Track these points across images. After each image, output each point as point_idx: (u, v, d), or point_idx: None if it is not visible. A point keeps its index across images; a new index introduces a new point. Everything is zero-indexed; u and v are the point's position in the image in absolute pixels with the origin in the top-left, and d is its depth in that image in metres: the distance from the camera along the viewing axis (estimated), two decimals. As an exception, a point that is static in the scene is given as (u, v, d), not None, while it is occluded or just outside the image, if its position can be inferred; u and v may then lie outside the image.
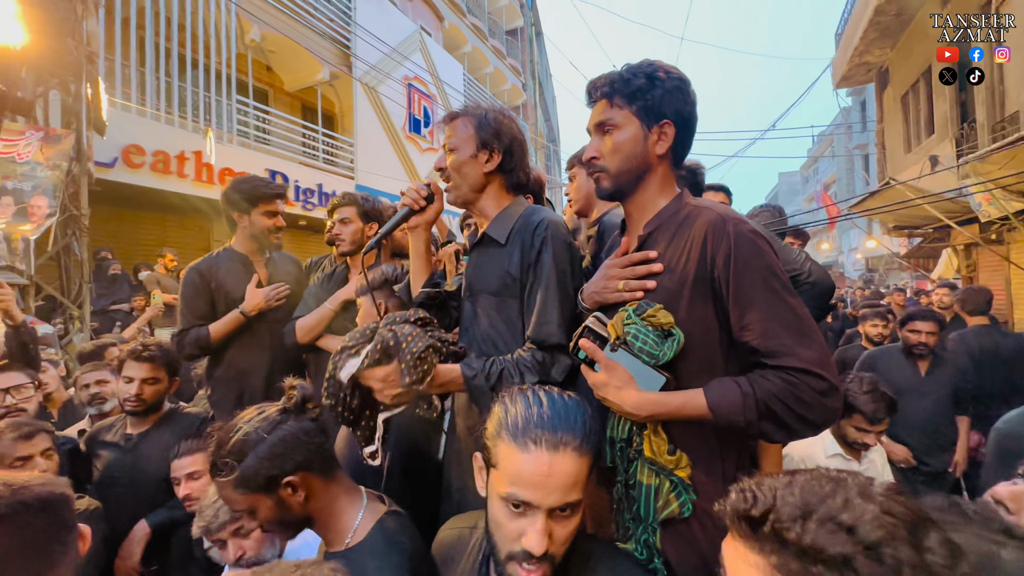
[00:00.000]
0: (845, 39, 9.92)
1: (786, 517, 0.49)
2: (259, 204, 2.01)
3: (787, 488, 0.52)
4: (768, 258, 0.89)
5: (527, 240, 1.23)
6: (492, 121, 1.28)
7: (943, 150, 7.30)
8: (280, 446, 0.95)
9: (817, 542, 0.47)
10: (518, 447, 0.76)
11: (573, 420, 0.78)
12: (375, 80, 9.47)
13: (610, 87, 0.98)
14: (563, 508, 0.75)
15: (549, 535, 0.74)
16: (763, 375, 0.85)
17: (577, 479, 0.76)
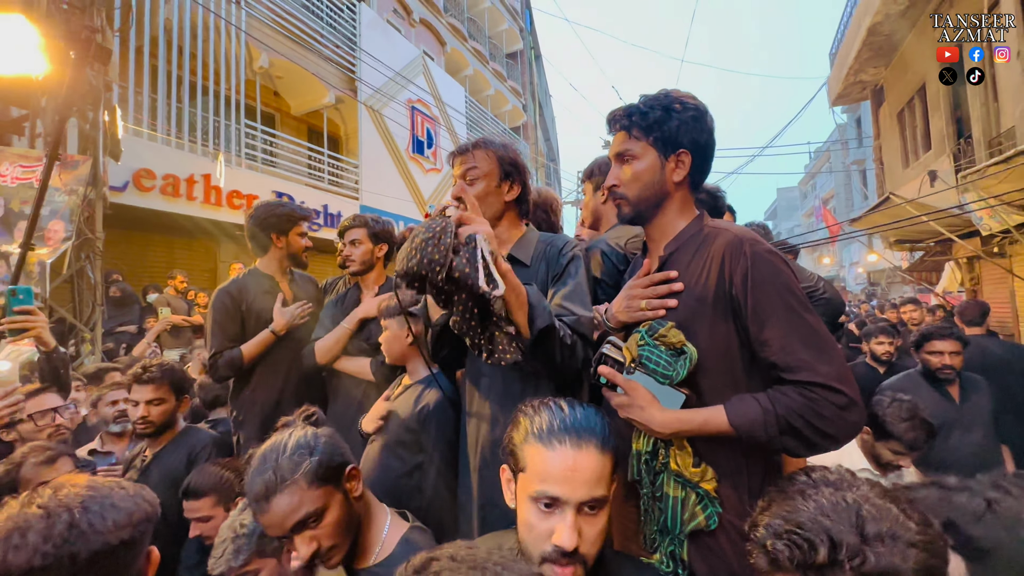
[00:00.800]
0: (840, 58, 10.13)
1: (853, 551, 0.51)
2: (297, 224, 2.14)
3: (823, 516, 0.53)
4: (785, 276, 0.92)
5: (553, 257, 1.31)
6: (512, 153, 1.37)
7: (941, 165, 7.40)
8: (335, 439, 1.02)
9: (893, 563, 0.51)
10: (545, 447, 0.81)
11: (593, 423, 0.84)
12: (379, 103, 9.67)
13: (628, 119, 1.04)
14: (591, 505, 0.78)
15: (579, 533, 0.76)
16: (783, 391, 0.87)
17: (601, 474, 0.80)
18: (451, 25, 13.33)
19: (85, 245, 4.00)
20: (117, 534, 0.74)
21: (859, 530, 0.52)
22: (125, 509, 0.77)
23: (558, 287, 1.26)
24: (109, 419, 2.18)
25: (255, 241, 2.13)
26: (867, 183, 18.57)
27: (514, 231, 1.38)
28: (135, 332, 4.92)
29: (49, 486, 0.80)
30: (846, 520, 0.53)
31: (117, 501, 0.77)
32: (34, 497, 0.76)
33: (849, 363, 3.73)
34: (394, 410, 1.60)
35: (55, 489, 0.78)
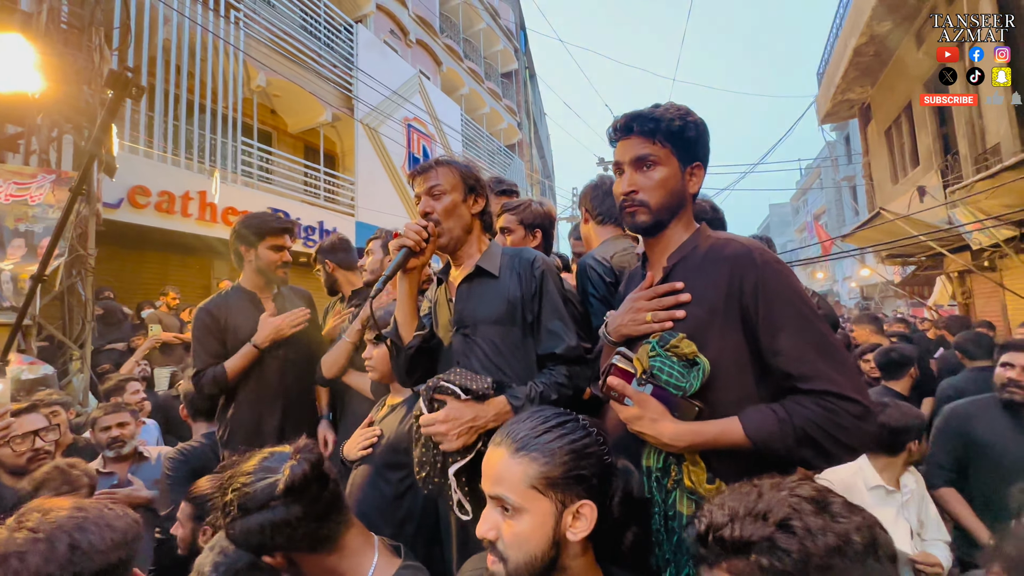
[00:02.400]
0: (827, 78, 10.37)
1: (720, 525, 0.58)
2: (266, 238, 2.03)
3: (719, 503, 0.62)
4: (796, 286, 0.92)
5: (525, 273, 1.33)
6: (474, 170, 1.41)
7: (929, 180, 7.52)
8: (257, 533, 0.91)
9: (744, 534, 0.56)
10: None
11: (525, 431, 0.84)
12: (376, 121, 9.76)
13: (655, 124, 1.00)
14: (501, 503, 0.80)
15: (497, 528, 0.80)
16: (798, 401, 0.86)
17: (504, 476, 0.81)
18: (447, 46, 13.56)
19: (77, 262, 3.95)
20: (116, 553, 0.75)
21: (731, 511, 0.59)
22: (120, 528, 0.77)
23: (543, 310, 1.31)
24: (104, 444, 2.12)
25: (233, 254, 2.09)
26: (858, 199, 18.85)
27: (481, 244, 1.41)
28: (124, 350, 4.83)
29: (34, 510, 0.78)
30: (727, 505, 0.60)
31: (111, 521, 0.78)
32: (23, 521, 0.75)
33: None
34: (382, 432, 1.57)
35: (43, 512, 0.76)
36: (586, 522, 0.79)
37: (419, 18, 12.38)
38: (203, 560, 1.22)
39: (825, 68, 10.63)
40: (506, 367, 1.27)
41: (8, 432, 1.40)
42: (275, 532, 0.91)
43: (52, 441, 1.64)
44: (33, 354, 3.42)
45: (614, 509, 0.83)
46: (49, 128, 4.06)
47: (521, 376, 1.28)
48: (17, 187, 3.51)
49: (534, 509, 0.78)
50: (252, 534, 0.91)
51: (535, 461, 0.79)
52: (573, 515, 0.79)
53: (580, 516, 0.79)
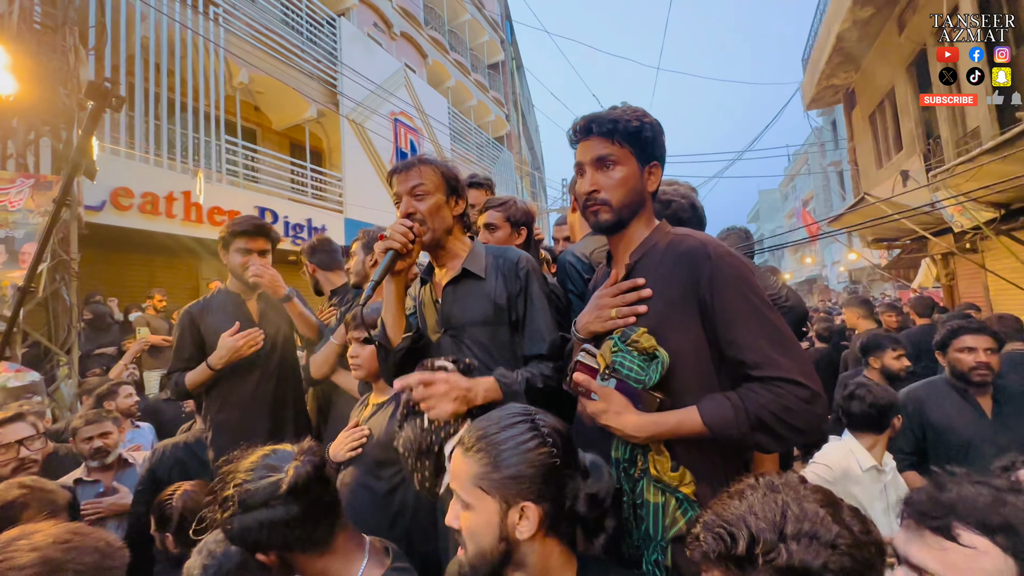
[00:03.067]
0: (811, 64, 10.41)
1: (768, 545, 0.55)
2: (235, 240, 2.01)
3: (751, 514, 0.57)
4: (748, 278, 0.95)
5: (510, 273, 1.34)
6: (453, 170, 1.40)
7: (912, 164, 7.61)
8: (255, 530, 0.93)
9: (804, 560, 0.54)
10: None
11: (479, 431, 0.87)
12: (362, 116, 9.67)
13: (612, 125, 1.04)
14: (455, 492, 0.85)
15: (458, 519, 0.84)
16: (751, 388, 0.90)
17: (457, 472, 0.86)
18: (432, 38, 13.42)
19: (59, 267, 3.91)
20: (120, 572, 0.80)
21: (779, 528, 0.55)
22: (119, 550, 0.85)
23: (528, 311, 1.32)
24: (86, 455, 2.12)
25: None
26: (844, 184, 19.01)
27: (463, 244, 1.41)
28: (114, 354, 4.81)
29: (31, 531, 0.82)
30: (769, 518, 0.56)
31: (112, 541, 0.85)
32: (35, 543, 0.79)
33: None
34: (370, 432, 1.58)
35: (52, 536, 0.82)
36: (530, 523, 0.80)
37: (403, 10, 12.24)
38: (192, 564, 1.24)
39: (810, 54, 10.66)
40: (493, 365, 1.29)
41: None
42: (273, 531, 0.93)
43: (38, 449, 1.64)
44: (18, 361, 3.39)
45: (578, 509, 0.84)
46: (25, 131, 4.00)
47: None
48: (-5, 192, 3.46)
49: (480, 507, 0.81)
50: (250, 531, 0.93)
51: (479, 462, 0.83)
52: (520, 515, 0.80)
53: (524, 516, 0.80)
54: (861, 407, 1.87)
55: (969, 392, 2.04)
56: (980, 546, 0.64)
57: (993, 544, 0.64)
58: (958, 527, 0.66)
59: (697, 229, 1.56)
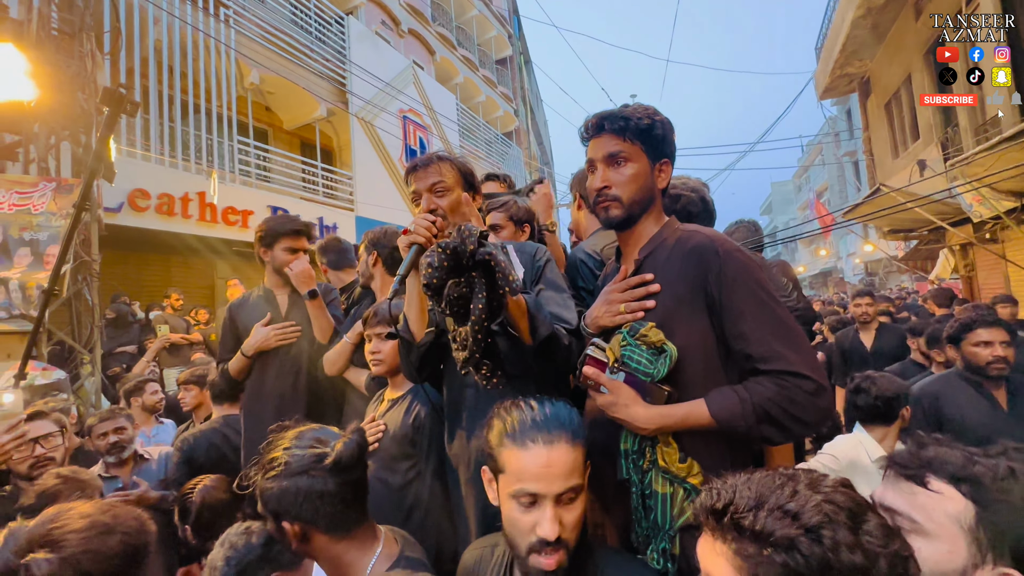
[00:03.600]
0: (825, 52, 10.21)
1: (743, 508, 0.57)
2: (281, 240, 2.15)
3: (745, 484, 0.60)
4: (755, 273, 0.97)
5: (528, 262, 1.33)
6: (469, 166, 1.41)
7: (930, 154, 7.45)
8: (292, 495, 0.96)
9: (767, 527, 0.54)
10: (519, 447, 0.86)
11: (562, 418, 0.89)
12: (371, 114, 9.73)
13: (624, 122, 1.06)
14: (568, 495, 0.85)
15: (560, 522, 0.83)
16: (758, 381, 0.92)
17: (574, 466, 0.86)
18: (439, 34, 13.42)
19: (82, 268, 4.02)
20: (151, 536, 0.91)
21: (763, 499, 0.57)
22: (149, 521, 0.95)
23: (539, 291, 1.29)
24: (102, 451, 2.19)
25: (257, 256, 2.22)
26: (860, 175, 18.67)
27: None
28: (135, 352, 4.93)
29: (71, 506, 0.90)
30: (761, 490, 0.58)
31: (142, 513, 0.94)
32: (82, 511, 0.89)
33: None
34: (386, 426, 1.61)
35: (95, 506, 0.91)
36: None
37: (410, 7, 12.25)
38: (214, 556, 1.29)
39: (823, 42, 10.46)
40: (518, 363, 1.27)
41: (23, 442, 1.46)
42: (307, 501, 0.96)
43: (56, 446, 1.69)
44: (44, 360, 3.50)
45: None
46: (46, 136, 4.10)
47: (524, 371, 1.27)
48: (19, 196, 3.56)
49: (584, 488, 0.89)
50: (286, 495, 0.96)
51: (584, 442, 0.89)
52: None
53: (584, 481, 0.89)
54: (867, 400, 1.87)
55: (984, 385, 2.02)
56: (946, 492, 0.71)
57: (958, 492, 0.70)
58: (930, 477, 0.72)
59: (707, 223, 1.57)
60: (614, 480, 1.02)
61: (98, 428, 2.24)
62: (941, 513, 0.70)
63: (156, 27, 6.37)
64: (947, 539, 0.69)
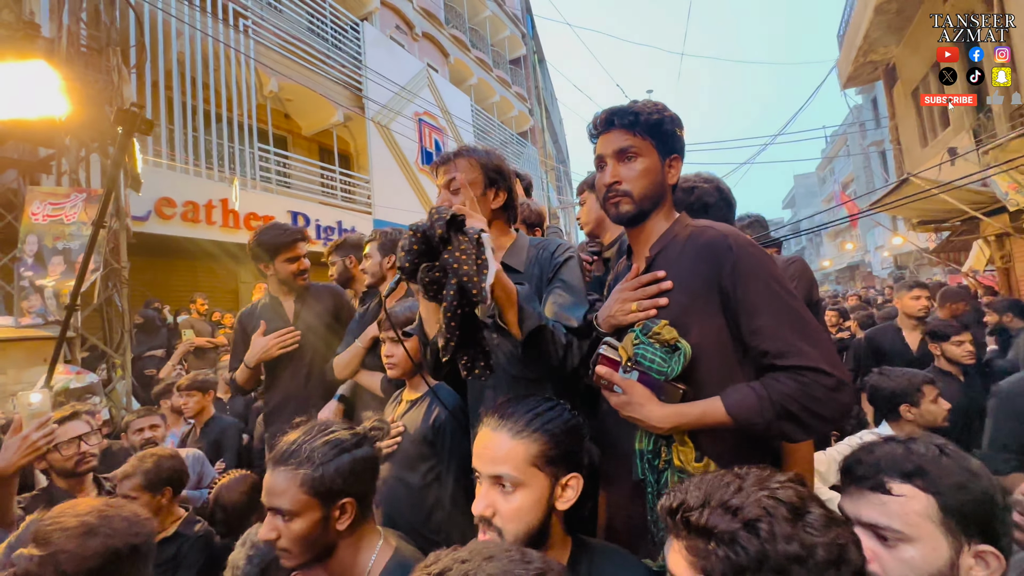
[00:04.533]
0: (848, 39, 9.92)
1: (692, 506, 0.62)
2: (281, 252, 2.14)
3: (698, 484, 0.65)
4: (769, 267, 0.95)
5: (546, 260, 1.29)
6: (495, 160, 1.33)
7: (961, 142, 7.16)
8: (361, 464, 1.02)
9: (711, 523, 0.59)
10: (478, 428, 0.95)
11: (520, 414, 0.91)
12: (387, 118, 9.84)
13: (634, 117, 1.05)
14: (501, 482, 0.86)
15: (494, 507, 0.86)
16: (775, 377, 0.90)
17: (507, 456, 0.87)
18: (453, 36, 13.49)
19: (112, 274, 4.16)
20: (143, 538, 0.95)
21: (709, 497, 0.62)
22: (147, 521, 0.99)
23: (551, 289, 1.25)
24: (137, 446, 2.27)
25: (257, 268, 2.24)
26: (887, 165, 18.06)
27: (504, 239, 1.36)
28: (162, 356, 5.09)
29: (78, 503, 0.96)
30: (708, 488, 0.63)
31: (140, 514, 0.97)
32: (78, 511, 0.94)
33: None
34: (405, 428, 1.62)
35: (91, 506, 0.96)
36: (573, 492, 0.88)
37: (424, 10, 12.35)
38: (236, 556, 1.31)
39: (846, 30, 10.16)
40: (530, 363, 1.23)
41: (54, 439, 1.53)
42: (363, 474, 1.03)
43: (95, 444, 1.77)
44: (78, 364, 3.64)
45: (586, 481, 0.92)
46: (77, 149, 4.26)
47: (544, 373, 1.24)
48: (53, 207, 3.71)
49: (533, 484, 0.86)
50: (342, 472, 1.00)
51: (537, 442, 0.88)
52: (563, 487, 0.87)
53: (568, 487, 0.87)
54: (875, 395, 1.88)
55: None
56: (907, 492, 0.73)
57: (914, 487, 0.73)
58: (887, 480, 0.74)
59: (726, 211, 1.53)
60: (631, 481, 1.01)
61: (135, 424, 2.36)
62: (913, 514, 0.72)
63: (179, 40, 6.57)
64: (928, 538, 0.71)
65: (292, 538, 0.96)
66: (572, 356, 1.14)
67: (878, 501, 0.74)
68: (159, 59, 6.27)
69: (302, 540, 0.96)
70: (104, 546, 0.90)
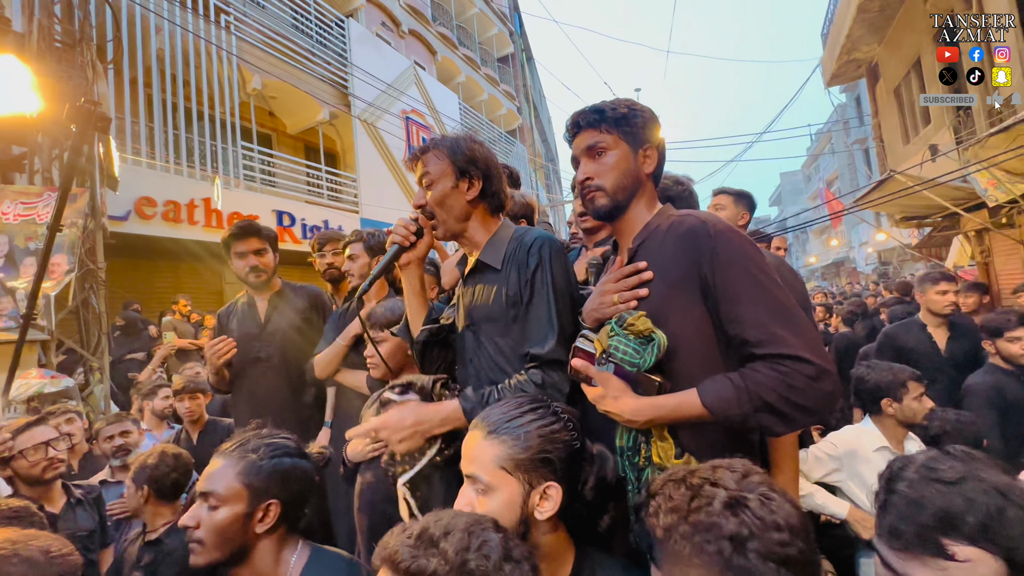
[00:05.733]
0: (831, 38, 10.03)
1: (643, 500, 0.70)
2: (230, 248, 2.09)
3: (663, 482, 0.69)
4: (750, 253, 0.93)
5: (522, 261, 1.21)
6: (465, 148, 1.26)
7: (942, 138, 7.29)
8: (297, 473, 1.02)
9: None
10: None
11: (499, 414, 0.89)
12: (373, 116, 9.74)
13: (598, 115, 1.06)
14: (474, 482, 0.85)
15: (471, 504, 0.85)
16: (753, 367, 0.87)
17: (476, 456, 0.86)
18: (440, 34, 13.41)
19: (88, 276, 4.05)
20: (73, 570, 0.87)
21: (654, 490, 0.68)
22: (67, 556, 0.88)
23: (530, 302, 1.18)
24: (108, 454, 2.20)
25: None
26: (871, 162, 18.32)
27: (484, 231, 1.30)
28: (143, 359, 4.98)
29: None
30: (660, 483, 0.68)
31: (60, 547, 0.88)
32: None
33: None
34: None
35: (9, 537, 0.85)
36: (552, 503, 0.82)
37: (410, 7, 12.25)
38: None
39: (829, 28, 10.28)
40: (508, 367, 1.20)
41: (10, 449, 1.47)
42: (293, 482, 1.02)
43: (64, 450, 1.71)
44: (53, 368, 3.54)
45: (587, 493, 0.86)
46: (50, 147, 4.14)
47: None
48: (24, 207, 3.60)
49: (503, 488, 0.82)
50: (285, 473, 1.02)
51: (504, 443, 0.84)
52: (540, 495, 0.82)
53: (547, 497, 0.82)
54: (859, 387, 1.87)
55: None
56: (973, 556, 0.65)
57: (980, 550, 0.65)
58: (947, 543, 0.66)
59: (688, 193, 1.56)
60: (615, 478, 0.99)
61: (105, 431, 2.28)
62: None
63: (158, 36, 6.42)
64: None
65: (211, 528, 0.96)
66: (551, 390, 1.09)
67: (937, 567, 0.66)
68: (137, 55, 6.12)
69: (220, 532, 0.96)
70: None
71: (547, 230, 2.08)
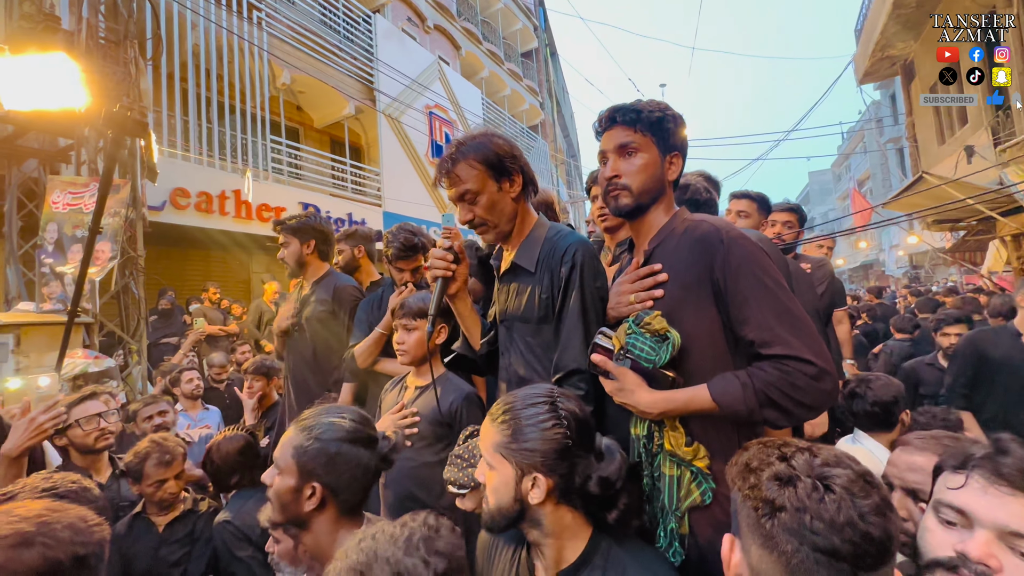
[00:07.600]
0: (865, 34, 9.75)
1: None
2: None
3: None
4: (759, 259, 0.98)
5: (556, 266, 1.23)
6: (493, 147, 1.25)
7: (979, 139, 7.04)
8: (344, 460, 1.03)
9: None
10: None
11: (508, 404, 0.96)
12: (398, 111, 9.88)
13: (635, 114, 1.09)
14: (483, 455, 0.95)
15: (484, 477, 0.95)
16: (760, 366, 0.93)
17: (484, 437, 0.96)
18: (465, 29, 13.47)
19: (128, 263, 4.27)
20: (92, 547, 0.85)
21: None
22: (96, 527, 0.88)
23: (562, 316, 1.20)
24: (148, 433, 2.34)
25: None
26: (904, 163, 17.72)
27: (525, 228, 1.32)
28: (177, 343, 5.21)
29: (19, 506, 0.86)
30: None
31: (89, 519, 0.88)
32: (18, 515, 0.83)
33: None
34: (419, 412, 1.66)
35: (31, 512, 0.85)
36: (539, 491, 0.89)
37: (436, 3, 12.33)
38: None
39: (863, 24, 9.98)
40: (538, 365, 1.26)
41: (60, 421, 1.56)
42: (347, 468, 1.03)
43: (115, 422, 1.85)
44: (96, 349, 3.75)
45: (591, 488, 0.92)
46: (95, 139, 4.35)
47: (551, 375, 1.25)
48: (72, 196, 3.81)
49: (500, 469, 0.91)
50: (331, 456, 1.02)
51: (502, 432, 0.92)
52: (531, 483, 0.89)
53: (535, 485, 0.89)
54: (863, 406, 1.72)
55: None
56: None
57: None
58: None
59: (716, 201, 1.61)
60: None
61: (143, 412, 2.42)
62: None
63: (193, 32, 6.64)
64: None
65: (273, 492, 1.02)
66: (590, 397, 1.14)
67: None
68: (174, 51, 6.35)
69: (278, 497, 1.02)
70: (43, 557, 0.78)
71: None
